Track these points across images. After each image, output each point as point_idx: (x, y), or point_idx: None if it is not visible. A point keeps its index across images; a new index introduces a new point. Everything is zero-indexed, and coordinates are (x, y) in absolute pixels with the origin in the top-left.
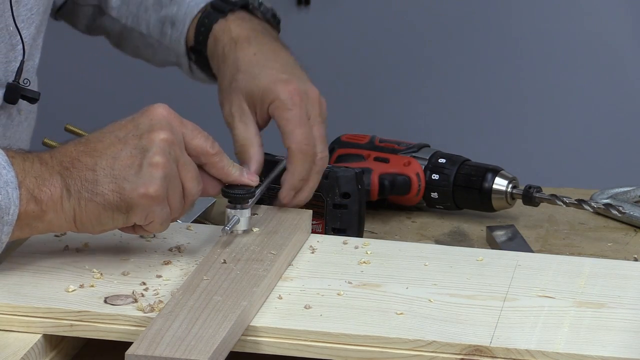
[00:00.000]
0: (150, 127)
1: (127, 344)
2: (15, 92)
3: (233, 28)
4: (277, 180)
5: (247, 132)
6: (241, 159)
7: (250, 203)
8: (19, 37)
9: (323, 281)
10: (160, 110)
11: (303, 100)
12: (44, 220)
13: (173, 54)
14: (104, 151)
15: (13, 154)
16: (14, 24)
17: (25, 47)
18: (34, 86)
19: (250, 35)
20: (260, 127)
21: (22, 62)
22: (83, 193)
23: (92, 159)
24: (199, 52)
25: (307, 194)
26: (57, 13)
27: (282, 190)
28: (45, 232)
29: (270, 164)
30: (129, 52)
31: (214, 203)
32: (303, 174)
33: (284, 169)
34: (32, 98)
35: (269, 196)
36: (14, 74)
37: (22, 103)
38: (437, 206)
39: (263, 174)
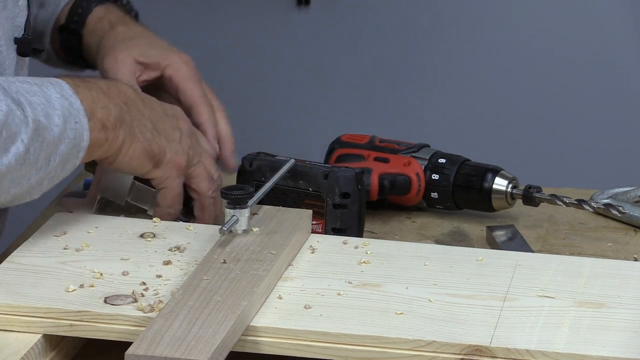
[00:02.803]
0: (174, 115)
1: (127, 344)
2: (27, 45)
3: (115, 12)
4: (280, 181)
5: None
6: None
7: (249, 203)
8: None
9: (323, 281)
10: (176, 107)
11: (193, 66)
12: (103, 146)
13: (34, 35)
14: (154, 107)
15: (78, 82)
16: None
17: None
18: None
19: (134, 21)
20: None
21: (28, 16)
22: (135, 130)
23: (146, 109)
24: (70, 31)
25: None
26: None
27: (223, 145)
28: (94, 158)
29: (273, 164)
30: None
31: None
32: (227, 126)
33: (289, 170)
34: (40, 50)
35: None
36: (21, 29)
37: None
38: (437, 206)
39: (267, 174)
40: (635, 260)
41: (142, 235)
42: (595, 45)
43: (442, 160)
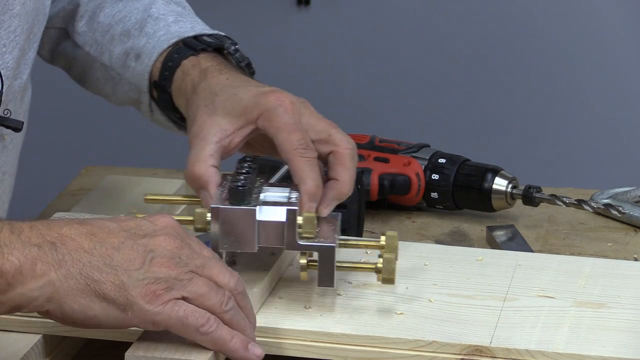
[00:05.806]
0: (154, 231)
1: (127, 344)
2: None
3: (203, 62)
4: (280, 181)
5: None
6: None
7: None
8: None
9: None
10: (166, 219)
11: (293, 103)
12: (10, 295)
13: (134, 89)
14: (105, 238)
15: None
16: None
17: (7, 73)
18: (24, 100)
19: (222, 68)
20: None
21: (0, 94)
22: (72, 271)
23: (90, 241)
24: (162, 89)
25: (344, 191)
26: None
27: (301, 205)
28: (15, 310)
29: (273, 164)
30: (90, 86)
31: None
32: (316, 180)
33: (289, 171)
34: (15, 127)
35: None
36: None
37: (6, 130)
38: (437, 206)
39: (266, 176)
40: (635, 260)
41: None
42: (595, 45)
43: (442, 160)
